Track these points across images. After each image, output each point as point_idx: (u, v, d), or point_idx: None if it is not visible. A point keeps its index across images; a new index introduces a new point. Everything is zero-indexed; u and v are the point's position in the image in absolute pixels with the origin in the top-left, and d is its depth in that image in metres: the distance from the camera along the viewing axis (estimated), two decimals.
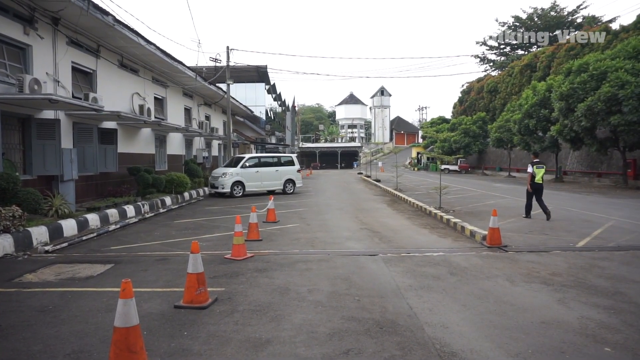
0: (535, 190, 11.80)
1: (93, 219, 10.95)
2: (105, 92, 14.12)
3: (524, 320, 4.57)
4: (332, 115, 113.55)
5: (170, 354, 3.79)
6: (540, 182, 11.81)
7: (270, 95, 50.59)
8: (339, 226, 11.06)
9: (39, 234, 8.76)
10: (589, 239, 9.08)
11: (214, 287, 5.76)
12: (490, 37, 66.16)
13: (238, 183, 19.13)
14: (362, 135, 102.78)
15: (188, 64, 20.26)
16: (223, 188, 18.90)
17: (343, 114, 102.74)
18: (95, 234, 9.96)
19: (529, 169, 11.95)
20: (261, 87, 45.74)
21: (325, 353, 3.78)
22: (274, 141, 53.24)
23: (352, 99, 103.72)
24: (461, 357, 3.73)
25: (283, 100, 61.99)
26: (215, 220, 12.22)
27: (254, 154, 24.41)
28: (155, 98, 19.04)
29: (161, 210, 14.21)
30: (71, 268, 6.98)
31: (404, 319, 4.61)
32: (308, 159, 71.60)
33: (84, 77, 13.59)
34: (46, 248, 8.34)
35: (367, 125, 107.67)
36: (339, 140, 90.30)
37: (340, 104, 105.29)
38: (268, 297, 5.34)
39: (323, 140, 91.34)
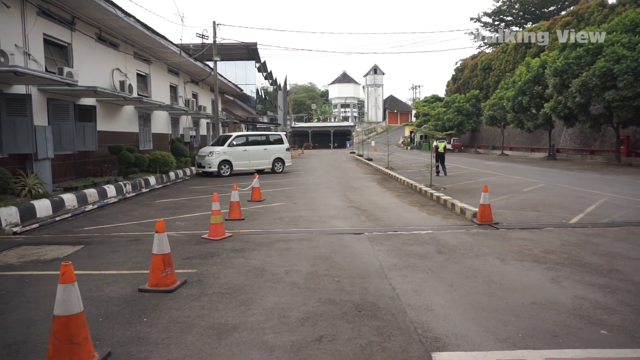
0: (440, 157, 17.12)
1: (69, 199, 10.48)
2: (83, 67, 13.46)
3: (514, 301, 4.25)
4: (325, 94, 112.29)
5: (124, 343, 3.42)
6: (442, 151, 17.32)
7: (261, 73, 49.55)
8: (326, 204, 10.69)
9: (8, 214, 8.31)
10: (582, 215, 8.79)
11: (186, 268, 5.39)
12: (485, 14, 65.00)
13: (225, 162, 18.66)
14: (355, 114, 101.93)
15: (174, 42, 19.54)
16: (210, 167, 18.43)
17: (336, 93, 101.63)
18: (70, 215, 9.53)
19: (435, 143, 17.25)
20: (251, 65, 44.69)
21: (296, 340, 3.43)
22: (266, 121, 52.46)
23: (345, 78, 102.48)
24: (445, 342, 3.40)
25: (274, 79, 60.91)
26: (198, 200, 11.80)
27: (242, 132, 23.82)
28: (138, 75, 18.33)
29: (144, 190, 13.75)
30: (37, 250, 6.58)
31: (385, 301, 4.27)
32: (301, 139, 70.87)
33: (58, 51, 12.91)
34: (15, 229, 7.91)
35: (360, 105, 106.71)
36: (332, 120, 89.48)
37: (333, 83, 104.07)
38: (241, 278, 4.98)
39: (316, 120, 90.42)
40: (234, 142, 19.11)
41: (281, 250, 6.26)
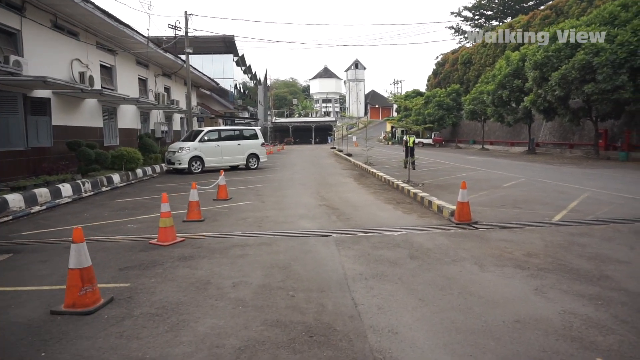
0: (410, 150, 17.82)
1: (15, 199, 9.55)
2: (36, 56, 12.44)
3: (494, 319, 3.63)
4: (307, 89, 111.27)
5: None
6: (412, 145, 18.13)
7: (239, 67, 48.39)
8: (296, 203, 9.99)
9: None
10: (565, 212, 8.30)
11: (118, 282, 4.64)
12: (465, 8, 64.88)
13: (196, 158, 17.78)
14: (337, 109, 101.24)
15: (142, 32, 18.51)
16: (180, 164, 17.54)
17: (317, 88, 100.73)
18: (11, 217, 8.63)
19: (405, 137, 18.15)
20: (229, 58, 43.55)
21: None
22: (246, 116, 51.35)
23: (326, 73, 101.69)
24: None
25: (254, 73, 59.73)
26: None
27: (214, 127, 22.87)
28: (101, 66, 17.28)
29: (103, 189, 12.82)
30: None
31: (343, 321, 3.60)
32: (281, 134, 69.93)
33: (6, 38, 11.85)
34: None
35: (342, 100, 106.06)
36: (313, 115, 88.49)
37: (315, 78, 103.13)
38: (180, 294, 4.25)
39: (297, 115, 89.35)
40: (206, 137, 18.24)
41: (235, 257, 5.54)
